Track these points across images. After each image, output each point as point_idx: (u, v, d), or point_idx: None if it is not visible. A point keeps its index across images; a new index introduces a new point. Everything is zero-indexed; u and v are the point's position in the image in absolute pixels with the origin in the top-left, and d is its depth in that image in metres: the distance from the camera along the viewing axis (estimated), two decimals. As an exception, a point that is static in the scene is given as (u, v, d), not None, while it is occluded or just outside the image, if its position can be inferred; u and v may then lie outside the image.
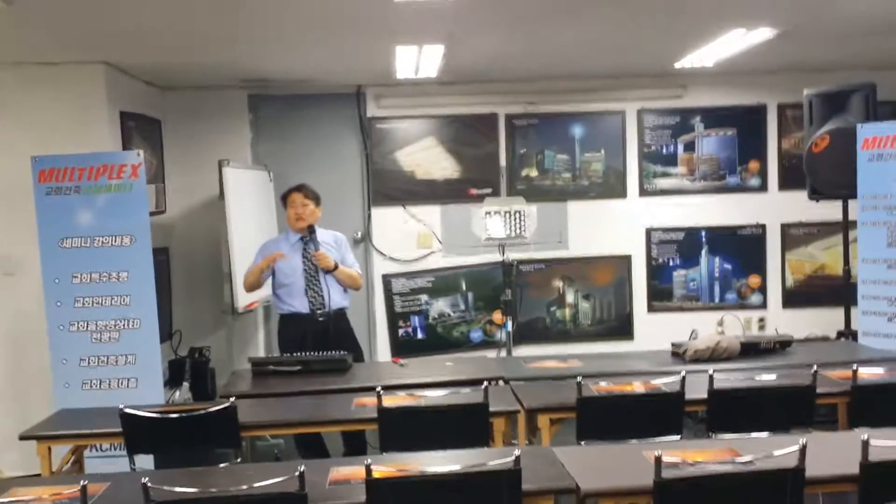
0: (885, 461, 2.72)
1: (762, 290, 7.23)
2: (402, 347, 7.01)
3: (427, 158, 7.09)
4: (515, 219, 5.72)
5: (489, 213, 5.62)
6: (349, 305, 5.49)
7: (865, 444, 2.69)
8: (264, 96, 7.05)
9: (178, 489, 2.64)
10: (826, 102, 6.01)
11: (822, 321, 6.83)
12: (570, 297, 7.17)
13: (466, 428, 3.69)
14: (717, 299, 7.21)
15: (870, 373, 4.13)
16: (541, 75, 6.87)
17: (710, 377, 3.69)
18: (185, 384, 6.14)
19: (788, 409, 3.70)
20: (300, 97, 7.06)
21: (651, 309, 7.20)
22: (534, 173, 7.09)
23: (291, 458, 5.42)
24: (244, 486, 2.71)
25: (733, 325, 7.10)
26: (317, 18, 4.79)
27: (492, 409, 3.71)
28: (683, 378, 3.68)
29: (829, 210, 6.64)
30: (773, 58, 6.29)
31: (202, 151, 6.86)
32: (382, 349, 7.04)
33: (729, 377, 3.89)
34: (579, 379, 3.71)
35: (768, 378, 3.91)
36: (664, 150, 7.15)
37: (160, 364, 5.36)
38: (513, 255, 6.57)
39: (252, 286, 5.42)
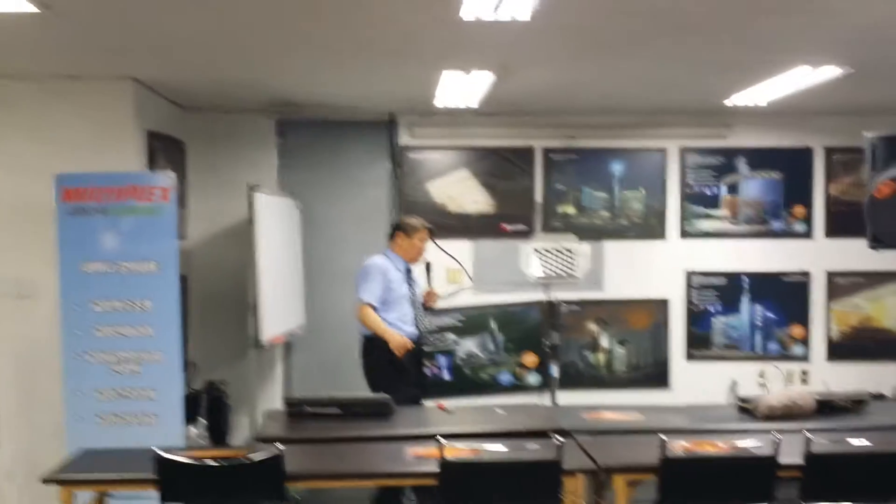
0: None
1: (805, 341, 6.91)
2: (428, 388, 6.65)
3: (460, 191, 6.80)
4: (565, 257, 5.40)
5: (537, 250, 5.28)
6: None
7: None
8: (293, 122, 6.75)
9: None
10: (890, 146, 5.76)
11: (868, 376, 6.48)
12: (604, 342, 6.84)
13: (536, 486, 3.36)
14: (758, 349, 6.87)
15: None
16: (582, 109, 6.61)
17: (808, 440, 3.37)
18: (201, 420, 5.78)
19: (890, 477, 3.38)
20: (330, 123, 6.76)
21: (690, 357, 6.87)
22: (571, 210, 6.79)
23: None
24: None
25: (775, 378, 6.77)
26: (368, 38, 4.52)
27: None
28: (778, 442, 3.36)
29: (879, 260, 6.35)
30: (825, 98, 6.04)
31: (227, 176, 6.55)
32: (406, 389, 6.67)
33: (814, 439, 3.56)
34: (663, 437, 3.37)
35: (858, 442, 3.59)
36: (707, 192, 6.86)
37: (181, 400, 5.01)
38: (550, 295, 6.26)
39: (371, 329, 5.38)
